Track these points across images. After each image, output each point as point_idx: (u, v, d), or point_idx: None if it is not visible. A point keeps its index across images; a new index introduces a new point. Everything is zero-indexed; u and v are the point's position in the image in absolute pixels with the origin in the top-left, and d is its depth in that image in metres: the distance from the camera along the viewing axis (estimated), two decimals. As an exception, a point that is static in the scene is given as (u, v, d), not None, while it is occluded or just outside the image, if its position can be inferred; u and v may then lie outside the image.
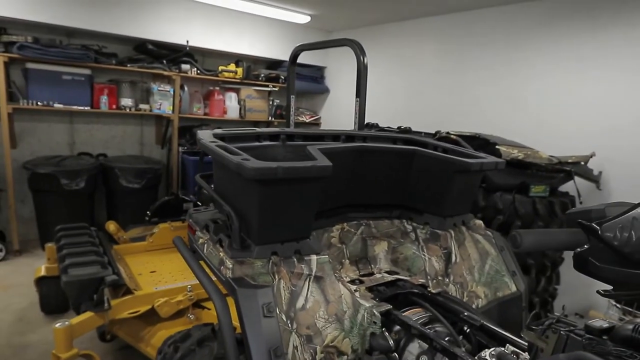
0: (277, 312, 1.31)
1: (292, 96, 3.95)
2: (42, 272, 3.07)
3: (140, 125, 5.23)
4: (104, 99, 4.50)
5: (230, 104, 5.40)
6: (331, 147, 1.76)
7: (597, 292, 0.94)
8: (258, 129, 2.01)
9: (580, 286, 3.37)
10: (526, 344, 1.39)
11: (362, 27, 5.67)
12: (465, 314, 1.60)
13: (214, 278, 1.47)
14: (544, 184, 2.88)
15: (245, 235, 1.45)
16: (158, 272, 2.99)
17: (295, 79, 3.97)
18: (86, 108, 4.44)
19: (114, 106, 4.62)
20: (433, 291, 1.78)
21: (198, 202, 4.10)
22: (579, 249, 0.93)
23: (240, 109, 5.46)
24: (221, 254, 1.44)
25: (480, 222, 2.19)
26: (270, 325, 1.27)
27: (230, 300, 1.36)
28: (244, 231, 1.45)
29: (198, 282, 2.62)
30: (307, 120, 6.03)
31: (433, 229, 1.99)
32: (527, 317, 2.07)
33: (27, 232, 4.60)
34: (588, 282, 3.12)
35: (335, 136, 2.25)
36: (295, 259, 1.47)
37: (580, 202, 2.95)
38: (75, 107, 4.36)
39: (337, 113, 6.00)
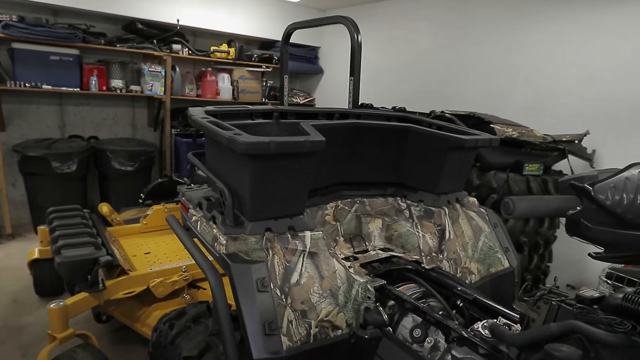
0: (272, 287, 1.31)
1: (285, 76, 3.90)
2: (35, 255, 3.05)
3: (131, 107, 5.16)
4: (93, 80, 4.42)
5: (223, 85, 5.32)
6: (325, 124, 1.74)
7: (589, 254, 0.94)
8: (251, 107, 1.98)
9: (572, 263, 3.44)
10: (518, 316, 1.41)
11: (355, 6, 5.57)
12: (459, 288, 1.62)
13: (208, 256, 1.47)
14: (537, 163, 2.88)
15: (239, 211, 1.44)
16: (152, 253, 2.98)
17: (288, 58, 3.91)
18: (76, 89, 4.35)
19: (104, 87, 4.54)
20: (427, 267, 1.79)
21: (192, 184, 4.07)
22: (571, 211, 0.92)
23: (233, 90, 5.39)
24: (214, 230, 1.44)
25: (474, 199, 2.20)
26: (264, 300, 1.27)
27: (225, 279, 1.36)
28: (237, 207, 1.44)
29: (193, 262, 2.63)
30: (300, 102, 5.97)
31: (427, 206, 1.99)
32: (519, 292, 2.10)
33: (19, 216, 4.56)
34: (579, 259, 3.15)
35: (329, 114, 2.22)
36: (289, 235, 1.46)
37: (573, 180, 2.97)
38: (64, 89, 4.28)
39: (331, 94, 5.94)
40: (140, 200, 4.05)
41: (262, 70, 5.50)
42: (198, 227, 1.55)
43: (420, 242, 1.92)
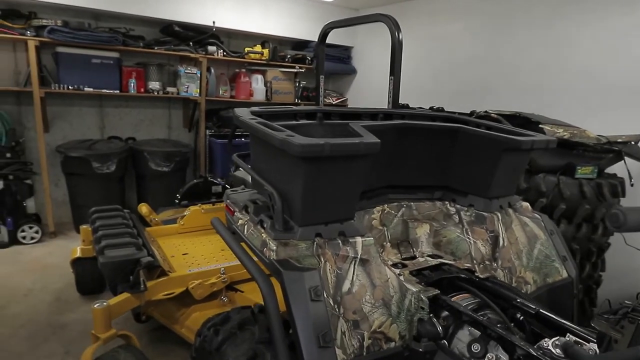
0: (325, 296, 1.25)
1: (321, 76, 3.84)
2: (78, 254, 3.12)
3: (167, 109, 5.24)
4: (132, 82, 4.50)
5: (257, 86, 5.33)
6: (373, 125, 1.67)
7: None
8: (295, 107, 1.93)
9: (626, 273, 3.22)
10: (589, 333, 1.30)
11: (389, 5, 5.47)
12: (518, 300, 1.51)
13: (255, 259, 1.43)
14: (591, 165, 2.70)
15: (288, 216, 1.39)
16: (190, 254, 2.99)
17: (324, 58, 3.86)
18: (115, 92, 4.45)
19: (142, 89, 4.62)
20: (481, 276, 1.69)
21: (226, 185, 4.08)
22: None
23: (266, 91, 5.39)
24: (263, 235, 1.39)
25: (527, 204, 2.07)
26: (318, 310, 1.21)
27: (274, 282, 1.31)
28: (286, 212, 1.39)
29: (231, 264, 2.61)
30: (333, 102, 5.92)
31: (478, 211, 1.89)
32: (578, 304, 1.97)
33: (61, 215, 4.70)
34: (634, 267, 2.96)
35: (372, 114, 2.16)
36: (339, 241, 1.40)
37: (632, 184, 2.77)
38: (104, 91, 4.38)
39: (364, 95, 5.85)
40: (177, 201, 4.10)
41: (296, 70, 5.47)
42: (245, 231, 1.50)
43: (471, 249, 1.82)
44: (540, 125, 2.82)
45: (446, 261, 1.80)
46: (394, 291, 1.42)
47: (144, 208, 3.38)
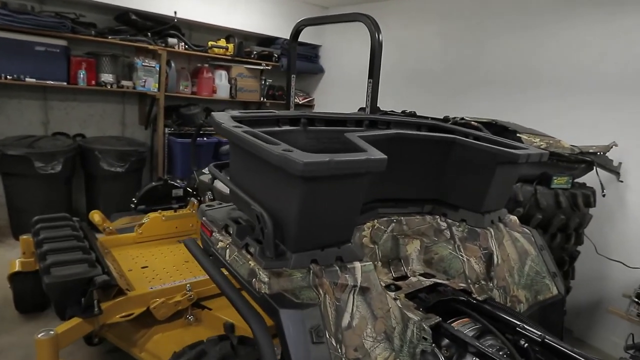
0: (327, 335, 1.09)
1: (292, 76, 3.66)
2: (17, 267, 2.74)
3: (122, 104, 4.83)
4: (81, 73, 4.09)
5: (220, 83, 5.04)
6: (368, 135, 1.52)
7: None
8: (277, 112, 1.74)
9: (590, 281, 3.31)
10: (600, 364, 1.23)
11: (359, 4, 5.36)
12: (523, 326, 1.42)
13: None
14: (566, 175, 2.72)
15: (279, 240, 1.21)
16: (150, 267, 2.71)
17: (296, 57, 3.68)
18: (62, 83, 4.02)
19: (93, 82, 4.21)
20: (479, 298, 1.59)
21: (188, 189, 3.80)
22: None
23: (230, 88, 5.11)
24: (251, 263, 1.20)
25: (516, 218, 2.01)
26: (320, 354, 1.04)
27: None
28: (278, 235, 1.21)
29: (197, 279, 2.37)
30: (300, 102, 5.74)
31: (471, 226, 1.80)
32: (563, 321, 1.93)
33: (-3, 219, 4.20)
34: (600, 275, 3.01)
35: (358, 121, 2.02)
36: (337, 268, 1.24)
37: (604, 195, 2.83)
38: (49, 82, 3.94)
39: (332, 95, 5.72)
40: (133, 206, 3.76)
41: (262, 68, 5.24)
42: (227, 255, 1.30)
43: (465, 267, 1.72)
44: (517, 135, 2.81)
45: (440, 281, 1.68)
46: (396, 322, 1.28)
47: (96, 216, 3.04)
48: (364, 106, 4.43)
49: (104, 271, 2.15)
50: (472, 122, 2.85)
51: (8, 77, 3.70)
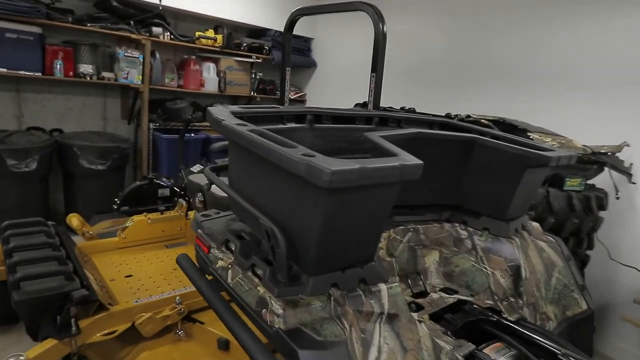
0: (356, 381, 0.90)
1: (287, 69, 3.45)
2: (-14, 277, 2.47)
3: (102, 97, 4.53)
4: (58, 63, 3.79)
5: (208, 76, 4.79)
6: (391, 135, 1.33)
7: None
8: (281, 108, 1.54)
9: (596, 285, 3.20)
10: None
11: (354, -4, 5.16)
12: (566, 352, 1.26)
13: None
14: (579, 177, 2.59)
15: (293, 260, 1.02)
16: (135, 276, 2.47)
17: (291, 49, 3.47)
18: (37, 74, 3.72)
19: (71, 73, 3.92)
20: (511, 318, 1.43)
21: (175, 189, 3.56)
22: None
23: (219, 82, 4.86)
24: (260, 289, 1.00)
25: (538, 225, 1.86)
26: (350, 406, 0.86)
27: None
28: (291, 255, 1.01)
29: (187, 290, 2.16)
30: (291, 97, 5.51)
31: (494, 235, 1.63)
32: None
33: (-34, 221, 3.88)
34: (606, 279, 2.89)
35: (368, 118, 1.83)
36: (361, 292, 1.05)
37: (618, 197, 2.70)
38: (22, 73, 3.63)
39: (325, 90, 5.52)
40: (115, 207, 3.50)
41: (252, 61, 5.00)
42: (229, 277, 1.10)
43: (490, 282, 1.55)
44: (528, 134, 2.66)
45: (465, 298, 1.51)
46: (428, 354, 1.10)
47: (74, 219, 2.77)
48: (360, 102, 4.26)
49: (82, 284, 1.90)
50: (483, 120, 2.69)
51: (-24, 66, 3.39)
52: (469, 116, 2.90)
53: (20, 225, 2.33)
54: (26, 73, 3.66)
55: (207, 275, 1.21)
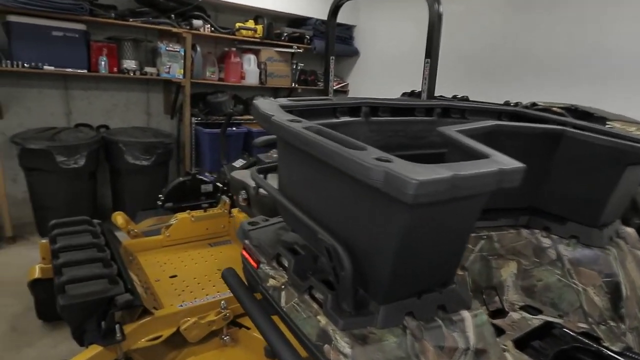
0: None
1: (332, 58, 3.26)
2: (37, 274, 2.50)
3: (146, 92, 4.54)
4: (102, 60, 3.80)
5: (249, 68, 4.68)
6: (468, 129, 1.12)
7: None
8: (334, 99, 1.37)
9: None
10: None
11: (399, -23, 4.86)
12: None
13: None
14: (671, 171, 2.23)
15: (360, 284, 0.85)
16: (180, 277, 2.41)
17: (335, 37, 3.27)
18: (83, 71, 3.75)
19: (115, 69, 3.93)
20: (614, 348, 1.19)
21: (218, 184, 3.48)
22: None
23: (260, 74, 4.75)
24: (320, 319, 0.84)
25: (633, 230, 1.58)
26: None
27: None
28: (357, 278, 0.84)
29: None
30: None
31: (585, 244, 1.39)
32: None
33: (22, 215, 4.00)
34: None
35: (428, 109, 1.62)
36: (441, 323, 0.87)
37: None
38: (69, 70, 3.67)
39: (367, 79, 5.28)
40: (159, 202, 3.47)
41: (293, 51, 4.84)
42: (282, 300, 0.95)
43: (582, 300, 1.32)
44: (607, 123, 2.33)
45: (552, 319, 1.29)
46: (523, 398, 0.90)
47: (119, 218, 2.76)
48: (407, 91, 4.00)
49: (126, 288, 1.84)
50: (554, 108, 2.39)
51: (25, 65, 3.44)
52: (534, 104, 2.59)
53: (66, 224, 2.31)
54: (73, 70, 3.69)
55: (256, 293, 1.07)
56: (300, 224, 0.98)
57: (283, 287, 0.96)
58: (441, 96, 3.76)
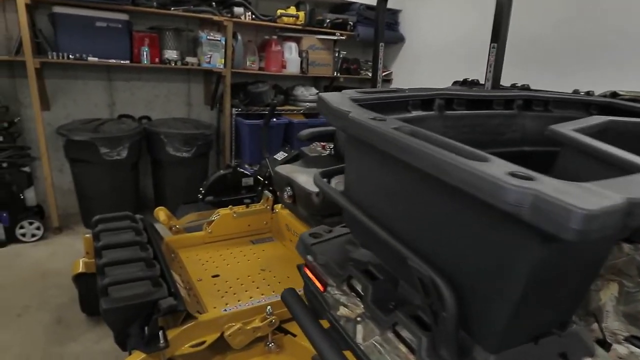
0: None
1: (381, 45, 3.05)
2: (81, 268, 2.48)
3: (187, 82, 4.49)
4: (145, 50, 3.75)
5: (290, 57, 4.52)
6: (584, 128, 0.91)
7: None
8: (406, 91, 1.18)
9: None
10: None
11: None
12: None
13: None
14: None
15: (461, 324, 0.68)
16: (222, 277, 2.32)
17: (385, 21, 3.05)
18: (125, 62, 3.72)
19: (157, 59, 3.88)
20: None
21: (259, 177, 3.38)
22: None
23: (301, 62, 4.58)
24: (413, 367, 0.68)
25: None
26: None
27: None
28: (461, 319, 0.67)
29: (278, 298, 1.93)
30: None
31: None
32: None
33: (68, 205, 4.08)
34: None
35: (507, 101, 1.41)
36: (565, 377, 0.69)
37: None
38: (112, 61, 3.65)
39: (413, 68, 5.00)
40: (200, 196, 3.42)
41: (336, 38, 4.63)
42: (358, 336, 0.79)
43: None
44: None
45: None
46: None
47: (161, 214, 2.70)
48: (459, 79, 3.72)
49: (170, 291, 1.75)
50: (645, 98, 2.08)
51: (70, 56, 3.44)
52: (615, 93, 2.28)
53: (109, 220, 2.26)
54: (115, 61, 3.67)
55: (321, 320, 0.92)
56: (379, 243, 0.81)
57: (359, 320, 0.80)
58: (501, 86, 3.47)
